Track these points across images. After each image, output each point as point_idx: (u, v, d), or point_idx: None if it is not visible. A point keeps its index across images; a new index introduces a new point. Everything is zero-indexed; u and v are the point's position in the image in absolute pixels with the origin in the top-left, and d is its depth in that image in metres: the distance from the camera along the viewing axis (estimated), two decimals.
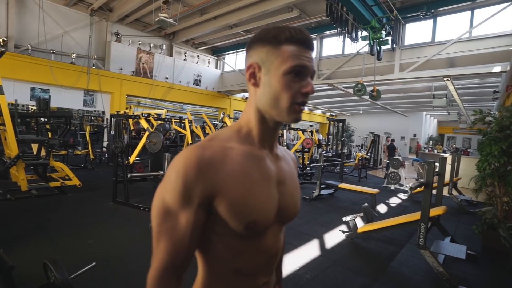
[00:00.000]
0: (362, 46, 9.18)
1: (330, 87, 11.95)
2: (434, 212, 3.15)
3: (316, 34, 11.21)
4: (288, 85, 0.60)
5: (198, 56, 14.09)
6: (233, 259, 0.64)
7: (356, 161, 9.50)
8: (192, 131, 6.60)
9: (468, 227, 4.55)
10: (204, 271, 0.66)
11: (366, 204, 4.05)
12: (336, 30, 8.42)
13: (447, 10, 8.44)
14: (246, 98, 15.78)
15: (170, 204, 0.58)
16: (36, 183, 4.90)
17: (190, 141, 5.59)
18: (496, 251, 3.65)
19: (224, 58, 15.24)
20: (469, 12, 8.15)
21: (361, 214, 3.97)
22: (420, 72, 8.63)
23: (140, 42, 11.76)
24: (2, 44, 8.54)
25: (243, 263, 0.65)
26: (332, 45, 11.19)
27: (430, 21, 8.70)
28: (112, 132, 7.79)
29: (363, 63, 8.85)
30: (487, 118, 3.92)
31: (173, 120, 5.80)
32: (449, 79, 8.25)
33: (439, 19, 8.65)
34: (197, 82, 13.87)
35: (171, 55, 12.88)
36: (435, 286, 2.78)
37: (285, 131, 7.91)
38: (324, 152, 10.79)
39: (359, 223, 4.08)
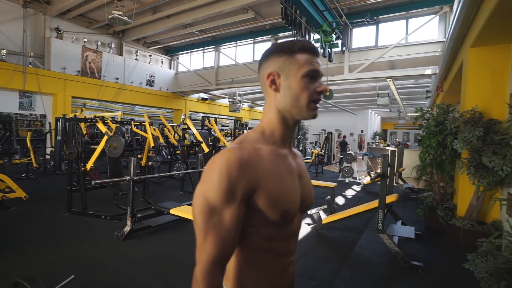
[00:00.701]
0: None
1: None
2: (389, 199, 3.53)
3: (270, 36, 11.56)
4: (306, 86, 0.72)
5: (150, 55, 13.53)
6: (267, 245, 0.73)
7: (313, 158, 10.02)
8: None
9: (413, 211, 5.16)
10: (239, 257, 0.74)
11: (329, 197, 4.35)
12: (290, 32, 8.83)
13: (387, 18, 9.37)
14: (202, 98, 15.71)
15: (215, 202, 0.64)
16: None
17: (152, 144, 5.39)
18: (436, 230, 4.21)
19: (178, 58, 14.85)
20: (405, 20, 9.15)
21: (325, 207, 4.26)
22: (366, 73, 9.44)
23: (86, 40, 10.90)
24: None
25: (275, 247, 0.75)
26: None
27: (374, 27, 9.56)
28: (59, 137, 7.11)
29: None
30: (426, 115, 4.49)
31: (132, 123, 5.53)
32: (390, 79, 9.17)
33: (381, 25, 9.55)
34: (150, 83, 13.31)
35: (121, 54, 12.17)
36: (392, 264, 3.13)
37: (245, 131, 8.02)
38: None
39: (323, 215, 4.37)
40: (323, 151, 12.37)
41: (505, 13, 2.88)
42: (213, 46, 13.32)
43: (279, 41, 10.66)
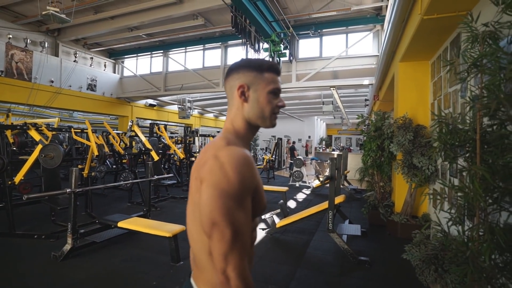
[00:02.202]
0: (264, 56, 10.04)
1: None
2: (338, 200, 3.78)
3: (221, 43, 11.60)
4: (270, 101, 0.85)
5: (92, 58, 12.51)
6: (251, 235, 0.81)
7: (264, 163, 10.24)
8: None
9: (358, 210, 5.59)
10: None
11: (281, 201, 4.49)
12: (240, 40, 8.99)
13: (329, 32, 10.11)
14: (150, 104, 15.04)
15: (236, 196, 0.69)
16: None
17: (96, 153, 4.95)
18: (379, 226, 4.62)
19: (123, 62, 14.00)
20: (345, 35, 10.00)
21: (278, 211, 4.38)
22: (312, 82, 10.02)
23: (11, 36, 9.62)
24: None
25: (252, 238, 0.84)
26: (237, 54, 11.78)
27: (318, 39, 10.24)
28: None
29: None
30: (366, 121, 4.94)
31: (73, 130, 5.02)
32: (334, 88, 9.88)
33: (324, 38, 10.26)
34: (91, 87, 12.27)
35: (56, 55, 11.04)
36: (343, 261, 3.34)
37: (196, 138, 7.87)
38: None
39: (276, 219, 4.49)
40: (273, 157, 12.72)
41: (424, 34, 3.36)
42: (162, 51, 12.86)
43: (230, 48, 10.71)
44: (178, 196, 6.74)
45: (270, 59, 8.55)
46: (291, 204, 6.53)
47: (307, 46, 10.50)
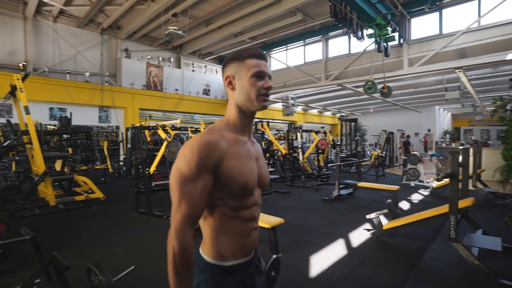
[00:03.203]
0: (368, 44, 9.18)
1: (339, 87, 11.93)
2: (463, 203, 3.09)
3: (321, 36, 11.28)
4: (253, 84, 0.91)
5: (205, 66, 14.30)
6: (233, 214, 0.90)
7: (372, 160, 9.38)
8: None
9: (499, 219, 4.42)
10: (212, 226, 0.91)
11: (389, 200, 4.00)
12: (341, 30, 8.48)
13: (453, 2, 8.37)
14: None
15: (189, 174, 0.81)
16: (62, 198, 5.04)
17: None
18: None
19: None
20: (476, 1, 8.06)
21: (385, 211, 3.93)
22: (430, 66, 8.54)
23: (149, 57, 12.04)
24: (22, 68, 8.94)
25: (241, 215, 0.92)
26: (338, 46, 11.21)
27: (436, 14, 8.63)
28: (129, 145, 7.95)
29: (371, 61, 8.81)
30: (509, 104, 3.84)
31: (189, 129, 5.90)
32: (461, 70, 8.14)
33: (444, 11, 8.57)
34: (206, 92, 14.07)
35: (179, 67, 13.13)
36: (472, 280, 2.71)
37: (298, 134, 7.91)
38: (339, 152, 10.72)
39: (384, 220, 4.03)
40: (383, 152, 11.51)
41: None
42: (264, 52, 13.49)
43: (330, 40, 10.31)
44: (281, 190, 6.94)
45: (376, 45, 7.76)
46: (404, 205, 5.76)
47: (421, 25, 9.02)
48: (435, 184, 6.94)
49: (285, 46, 12.82)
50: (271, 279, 1.26)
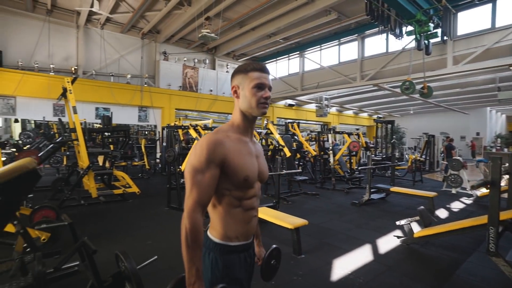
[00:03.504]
0: (407, 42, 8.68)
1: (376, 87, 11.45)
2: (506, 215, 2.82)
3: (357, 35, 10.91)
4: (254, 94, 1.06)
5: None
6: (237, 203, 1.07)
7: (409, 164, 8.87)
8: None
9: None
10: (220, 213, 1.07)
11: (422, 207, 3.77)
12: (377, 28, 8.14)
13: None
14: (289, 105, 15.95)
15: (199, 166, 0.97)
16: (103, 190, 5.48)
17: None
18: None
19: None
20: None
21: (417, 218, 3.71)
22: (480, 63, 7.85)
23: (186, 59, 12.56)
24: (73, 72, 9.84)
25: (244, 204, 1.08)
26: (375, 44, 10.75)
27: (489, 6, 7.91)
28: (164, 144, 8.38)
29: (410, 60, 8.33)
30: None
31: None
32: None
33: (499, 1, 7.81)
34: None
35: (214, 68, 13.52)
36: None
37: (329, 135, 7.74)
38: (372, 155, 10.30)
39: (415, 227, 3.82)
40: (423, 156, 10.81)
41: None
42: (298, 52, 13.41)
43: (367, 39, 9.95)
44: (310, 192, 6.85)
45: (416, 43, 7.33)
46: (441, 213, 5.38)
47: (468, 19, 8.33)
48: (479, 192, 6.38)
49: (319, 46, 12.60)
50: (271, 268, 1.33)
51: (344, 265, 3.06)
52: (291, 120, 10.58)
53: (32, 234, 2.93)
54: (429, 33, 7.02)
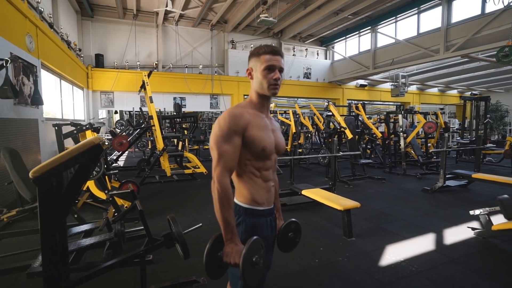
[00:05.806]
0: None
1: (466, 59, 9.76)
2: None
3: None
4: (265, 75, 1.16)
5: (306, 49, 14.19)
6: (258, 173, 1.20)
7: (506, 147, 7.42)
8: (298, 122, 6.82)
9: None
10: (245, 181, 1.20)
11: (506, 195, 3.20)
12: None
13: None
14: (360, 85, 14.90)
15: (224, 137, 1.10)
16: (176, 170, 6.23)
17: (294, 130, 5.79)
18: None
19: (333, 47, 14.76)
20: None
21: (497, 208, 3.19)
22: None
23: (252, 45, 12.84)
24: (155, 67, 11.17)
25: (263, 175, 1.22)
26: (464, 7, 9.10)
27: None
28: None
29: None
30: None
31: (278, 112, 6.17)
32: None
33: None
34: (307, 75, 14.03)
35: None
36: None
37: (400, 116, 7.01)
38: (459, 138, 9.00)
39: (496, 219, 3.30)
40: None
41: None
42: (369, 27, 12.30)
43: (454, 1, 8.50)
44: (376, 176, 6.45)
45: None
46: None
47: None
48: None
49: (394, 18, 11.33)
50: (289, 241, 1.38)
51: (398, 251, 2.88)
52: (355, 101, 9.89)
53: (118, 202, 3.60)
54: None
